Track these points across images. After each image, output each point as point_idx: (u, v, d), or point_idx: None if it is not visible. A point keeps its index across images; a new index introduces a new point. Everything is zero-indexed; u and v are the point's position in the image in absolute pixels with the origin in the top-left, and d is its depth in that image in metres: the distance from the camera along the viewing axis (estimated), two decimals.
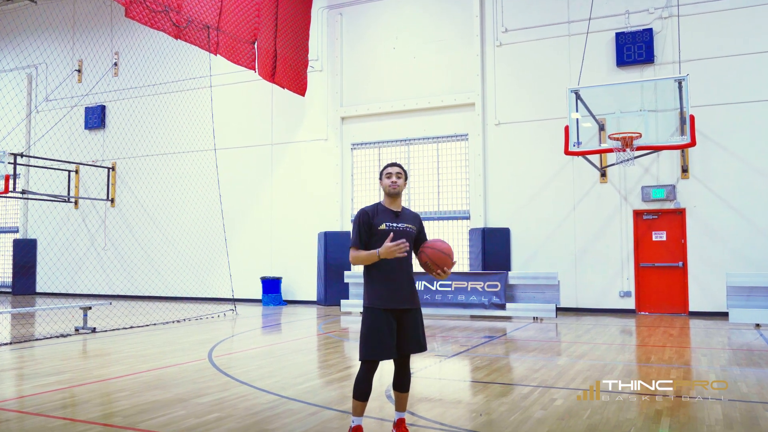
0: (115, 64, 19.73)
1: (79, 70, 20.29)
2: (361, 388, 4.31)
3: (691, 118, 10.32)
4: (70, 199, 19.04)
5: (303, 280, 16.82)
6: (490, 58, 15.28)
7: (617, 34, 13.95)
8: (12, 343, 9.74)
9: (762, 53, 13.00)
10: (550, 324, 12.00)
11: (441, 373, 7.56)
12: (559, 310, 13.02)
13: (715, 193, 13.18)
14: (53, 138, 19.79)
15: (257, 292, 16.97)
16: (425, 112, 15.88)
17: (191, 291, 17.75)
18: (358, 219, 4.39)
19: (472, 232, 14.96)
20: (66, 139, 19.81)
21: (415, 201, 15.89)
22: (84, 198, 19.19)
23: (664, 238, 13.64)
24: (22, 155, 17.33)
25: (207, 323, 12.55)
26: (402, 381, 4.49)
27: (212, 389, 6.42)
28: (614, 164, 12.61)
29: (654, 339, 10.02)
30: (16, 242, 20.59)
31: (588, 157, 12.56)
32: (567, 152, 11.06)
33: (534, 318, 12.63)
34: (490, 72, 15.26)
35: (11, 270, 20.57)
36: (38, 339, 10.12)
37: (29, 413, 5.50)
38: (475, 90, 15.25)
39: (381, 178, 4.55)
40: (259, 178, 17.62)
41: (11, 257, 20.61)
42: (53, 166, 18.76)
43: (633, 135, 10.58)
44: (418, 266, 4.57)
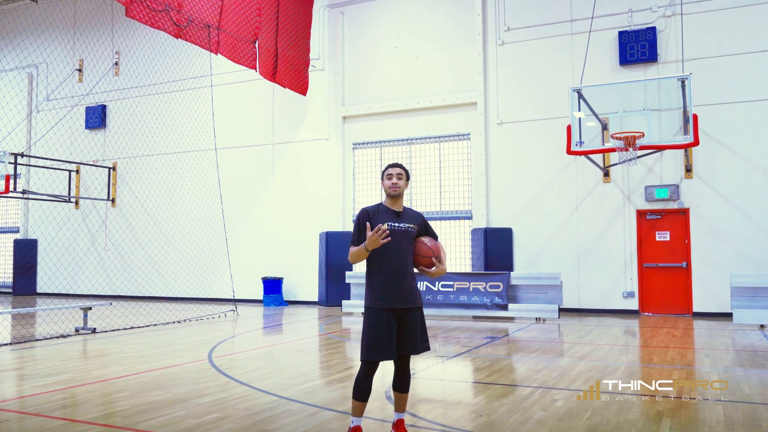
0: (115, 63, 19.70)
1: (79, 70, 20.27)
2: (361, 388, 4.30)
3: (694, 117, 10.26)
4: (71, 199, 19.01)
5: (304, 280, 16.76)
6: (493, 57, 15.22)
7: (620, 33, 13.89)
8: (12, 343, 9.73)
9: (766, 52, 12.92)
10: (552, 325, 11.94)
11: (442, 374, 7.52)
12: (561, 310, 12.95)
13: (719, 192, 13.10)
14: (54, 138, 19.77)
15: (258, 293, 16.93)
16: (427, 112, 15.82)
17: (192, 291, 17.71)
18: (359, 218, 4.39)
19: (474, 232, 14.90)
20: (67, 139, 19.80)
21: (417, 201, 15.83)
22: (85, 198, 19.17)
23: (667, 239, 13.56)
24: (22, 155, 17.30)
25: (207, 324, 12.51)
26: (402, 381, 4.46)
27: (212, 390, 6.40)
28: (617, 164, 12.54)
29: (657, 340, 9.95)
30: (16, 242, 20.58)
31: (591, 156, 12.50)
32: (569, 152, 11.01)
33: (536, 319, 12.57)
34: (492, 71, 15.20)
35: (12, 270, 20.56)
36: (38, 339, 10.11)
37: (29, 413, 5.50)
38: (477, 89, 15.19)
39: (382, 178, 4.52)
40: (260, 177, 17.58)
41: (12, 257, 20.60)
42: (54, 166, 18.74)
43: (636, 134, 10.52)
44: None
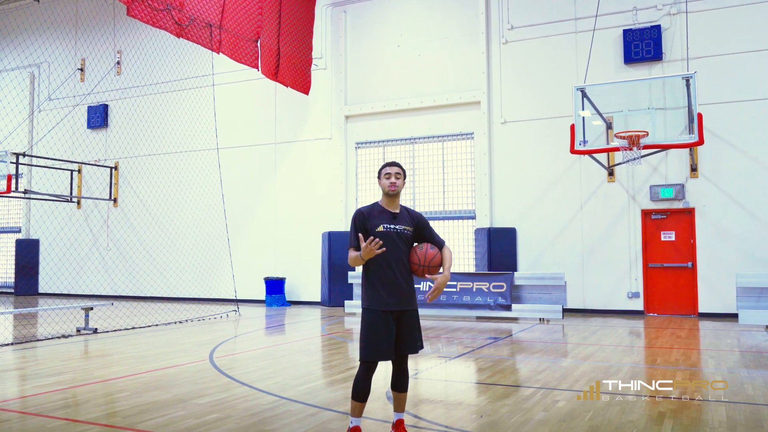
0: (117, 62, 19.67)
1: (81, 69, 20.24)
2: (360, 388, 4.29)
3: (699, 116, 10.18)
4: (73, 199, 18.98)
5: (307, 280, 16.69)
6: (496, 56, 15.13)
7: (625, 31, 13.79)
8: (14, 343, 9.70)
9: None
10: (556, 325, 11.85)
11: (444, 374, 7.47)
12: (565, 311, 12.85)
13: (725, 192, 12.99)
14: (56, 137, 19.75)
15: (260, 293, 16.87)
16: (430, 111, 15.75)
17: (194, 292, 17.65)
18: (354, 220, 4.33)
19: (477, 231, 14.82)
20: (68, 139, 19.78)
21: (420, 200, 15.76)
22: (86, 198, 19.14)
23: (672, 238, 13.46)
24: (24, 155, 17.27)
25: (209, 324, 12.46)
26: (400, 381, 4.45)
27: (212, 390, 6.36)
28: (621, 163, 12.45)
29: (662, 341, 9.86)
30: (18, 242, 20.54)
31: (595, 156, 12.42)
32: (573, 151, 10.94)
33: (540, 319, 12.48)
34: (495, 70, 15.11)
35: (14, 270, 20.52)
36: (40, 339, 10.08)
37: (30, 413, 5.49)
38: (480, 88, 15.11)
39: (379, 177, 4.43)
40: (263, 177, 17.52)
41: (14, 257, 20.56)
42: (56, 166, 18.71)
43: (640, 133, 10.44)
44: None
